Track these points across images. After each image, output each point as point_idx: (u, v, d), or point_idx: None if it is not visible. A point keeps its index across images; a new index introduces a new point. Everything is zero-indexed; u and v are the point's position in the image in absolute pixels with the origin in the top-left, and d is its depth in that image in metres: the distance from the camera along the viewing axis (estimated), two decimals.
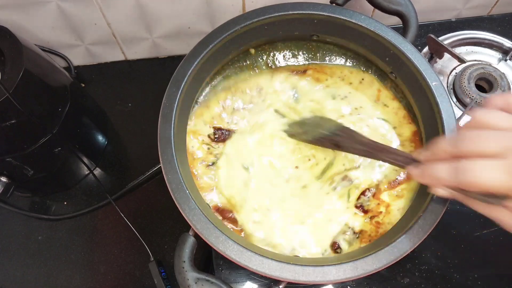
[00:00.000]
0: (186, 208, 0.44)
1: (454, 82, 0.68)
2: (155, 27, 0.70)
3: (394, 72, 0.56)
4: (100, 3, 0.63)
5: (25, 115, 0.50)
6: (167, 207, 0.63)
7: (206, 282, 0.43)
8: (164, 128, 0.48)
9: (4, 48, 0.50)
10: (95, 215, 0.64)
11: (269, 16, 0.54)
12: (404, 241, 0.43)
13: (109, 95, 0.74)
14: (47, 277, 0.61)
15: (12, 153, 0.54)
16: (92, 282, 0.60)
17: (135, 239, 0.60)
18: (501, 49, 0.72)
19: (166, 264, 0.59)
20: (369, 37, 0.54)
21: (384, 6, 0.58)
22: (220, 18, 0.68)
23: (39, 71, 0.54)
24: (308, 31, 0.58)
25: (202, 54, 0.52)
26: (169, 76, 0.51)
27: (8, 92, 0.47)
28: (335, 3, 0.59)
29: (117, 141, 0.71)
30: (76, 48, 0.72)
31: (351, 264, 0.42)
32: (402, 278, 0.57)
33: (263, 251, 0.45)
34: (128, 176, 0.66)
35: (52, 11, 0.63)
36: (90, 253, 0.62)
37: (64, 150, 0.60)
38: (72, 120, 0.59)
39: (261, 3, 0.62)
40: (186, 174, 0.48)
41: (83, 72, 0.75)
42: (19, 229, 0.64)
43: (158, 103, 0.49)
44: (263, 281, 0.56)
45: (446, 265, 0.58)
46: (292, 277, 0.42)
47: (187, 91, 0.51)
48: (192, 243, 0.46)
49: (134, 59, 0.77)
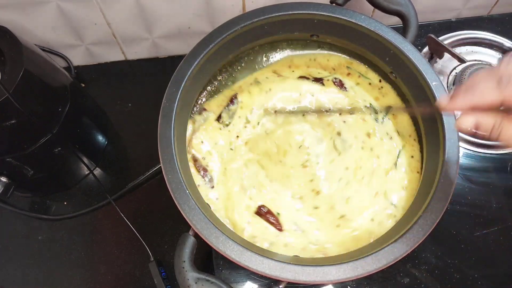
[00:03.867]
0: (186, 208, 0.44)
1: (454, 82, 0.68)
2: (155, 27, 0.70)
3: (394, 72, 0.56)
4: (100, 3, 0.63)
5: (25, 115, 0.50)
6: (167, 207, 0.63)
7: (206, 282, 0.43)
8: (164, 128, 0.48)
9: (4, 48, 0.50)
10: (95, 215, 0.64)
11: (269, 16, 0.54)
12: (404, 241, 0.43)
13: (109, 95, 0.74)
14: (47, 277, 0.61)
15: (12, 153, 0.54)
16: (92, 282, 0.60)
17: (135, 239, 0.60)
18: (501, 49, 0.72)
19: (166, 264, 0.59)
20: (369, 37, 0.54)
21: (384, 6, 0.58)
22: (220, 18, 0.68)
23: (39, 71, 0.54)
24: (308, 31, 0.58)
25: (202, 54, 0.52)
26: (169, 76, 0.51)
27: (8, 92, 0.47)
28: (335, 3, 0.59)
29: (117, 141, 0.71)
30: (76, 48, 0.72)
31: (351, 264, 0.42)
32: (402, 278, 0.57)
33: (263, 251, 0.45)
34: (128, 176, 0.66)
35: (52, 11, 0.63)
36: (90, 253, 0.62)
37: (64, 150, 0.60)
38: (72, 120, 0.59)
39: (261, 3, 0.62)
40: (186, 174, 0.48)
41: (83, 72, 0.75)
42: (19, 229, 0.64)
43: (158, 103, 0.49)
44: (263, 281, 0.56)
45: (446, 265, 0.58)
46: (292, 277, 0.42)
47: (187, 91, 0.51)
48: (192, 243, 0.46)
49: (134, 59, 0.77)
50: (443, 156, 0.47)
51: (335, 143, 0.56)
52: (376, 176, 0.54)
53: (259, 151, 0.56)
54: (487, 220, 0.61)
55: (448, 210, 0.44)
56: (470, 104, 0.35)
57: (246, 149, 0.56)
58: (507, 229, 0.60)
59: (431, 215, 0.44)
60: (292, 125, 0.57)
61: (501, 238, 0.60)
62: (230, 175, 0.54)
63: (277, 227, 0.51)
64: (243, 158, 0.55)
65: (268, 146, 0.56)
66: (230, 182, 0.54)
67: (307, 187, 0.54)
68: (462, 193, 0.62)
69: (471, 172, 0.64)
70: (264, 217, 0.52)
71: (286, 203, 0.53)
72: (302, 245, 0.50)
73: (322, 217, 0.52)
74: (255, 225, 0.51)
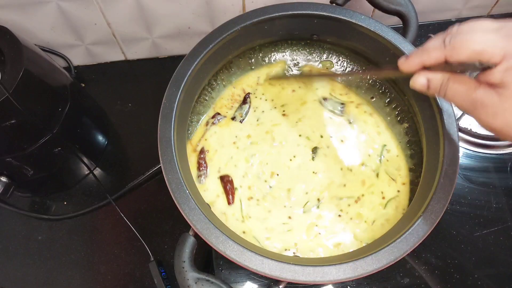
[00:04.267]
0: (186, 208, 0.44)
1: None
2: (155, 27, 0.70)
3: None
4: (100, 3, 0.63)
5: (25, 115, 0.50)
6: (167, 207, 0.63)
7: (206, 282, 0.43)
8: (164, 128, 0.48)
9: (4, 48, 0.50)
10: (95, 215, 0.64)
11: (269, 16, 0.54)
12: (404, 241, 0.43)
13: (109, 95, 0.74)
14: (47, 277, 0.61)
15: (12, 153, 0.54)
16: (92, 282, 0.60)
17: (135, 239, 0.60)
18: None
19: (166, 264, 0.59)
20: (369, 37, 0.54)
21: (384, 6, 0.58)
22: (220, 18, 0.68)
23: (39, 71, 0.54)
24: (308, 31, 0.58)
25: (202, 54, 0.52)
26: (169, 76, 0.51)
27: (8, 92, 0.47)
28: (335, 3, 0.59)
29: (117, 141, 0.71)
30: (76, 48, 0.72)
31: (351, 264, 0.42)
32: (402, 278, 0.57)
33: (263, 251, 0.45)
34: (128, 176, 0.66)
35: (52, 11, 0.63)
36: (90, 253, 0.62)
37: (64, 150, 0.60)
38: (72, 120, 0.59)
39: (261, 3, 0.62)
40: (186, 174, 0.48)
41: (83, 72, 0.75)
42: (19, 229, 0.64)
43: (158, 103, 0.49)
44: (263, 281, 0.56)
45: (446, 265, 0.58)
46: (292, 277, 0.42)
47: (187, 91, 0.51)
48: (192, 243, 0.46)
49: (134, 59, 0.77)
50: (443, 156, 0.47)
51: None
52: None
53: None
54: (487, 220, 0.61)
55: (448, 210, 0.44)
56: (420, 62, 0.39)
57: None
58: (507, 229, 0.60)
59: (431, 215, 0.44)
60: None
61: (501, 238, 0.60)
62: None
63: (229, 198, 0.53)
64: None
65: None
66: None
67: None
68: (462, 193, 0.62)
69: (471, 172, 0.64)
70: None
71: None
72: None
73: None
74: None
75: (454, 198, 0.62)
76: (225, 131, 0.57)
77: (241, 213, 0.53)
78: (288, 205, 0.53)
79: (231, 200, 0.53)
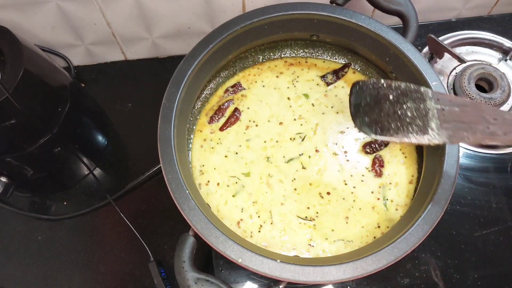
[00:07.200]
0: (186, 208, 0.44)
1: (454, 82, 0.68)
2: (155, 27, 0.70)
3: (394, 72, 0.56)
4: (100, 3, 0.63)
5: (25, 115, 0.50)
6: (167, 207, 0.63)
7: (206, 282, 0.43)
8: (164, 128, 0.48)
9: (4, 48, 0.50)
10: (95, 215, 0.64)
11: (269, 16, 0.54)
12: (404, 241, 0.43)
13: (109, 95, 0.74)
14: (47, 277, 0.61)
15: (12, 153, 0.54)
16: (92, 282, 0.60)
17: (135, 239, 0.60)
18: (501, 49, 0.72)
19: (166, 264, 0.59)
20: (369, 37, 0.54)
21: (384, 6, 0.58)
22: (220, 18, 0.68)
23: (39, 71, 0.54)
24: (308, 31, 0.58)
25: (202, 54, 0.52)
26: (169, 76, 0.51)
27: (8, 92, 0.47)
28: (335, 3, 0.59)
29: (117, 141, 0.71)
30: (76, 48, 0.72)
31: (351, 264, 0.42)
32: (402, 278, 0.57)
33: (263, 251, 0.45)
34: (128, 176, 0.66)
35: (52, 11, 0.63)
36: (90, 253, 0.62)
37: (64, 150, 0.60)
38: (72, 120, 0.59)
39: (261, 3, 0.62)
40: (186, 174, 0.48)
41: (83, 72, 0.75)
42: (19, 229, 0.64)
43: (158, 103, 0.49)
44: (263, 281, 0.56)
45: (446, 265, 0.58)
46: (292, 277, 0.42)
47: (187, 91, 0.51)
48: (192, 243, 0.46)
49: (134, 59, 0.77)
50: (443, 156, 0.47)
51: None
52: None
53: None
54: (487, 220, 0.61)
55: (448, 210, 0.44)
56: None
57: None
58: (507, 229, 0.60)
59: (431, 215, 0.44)
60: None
61: (501, 238, 0.60)
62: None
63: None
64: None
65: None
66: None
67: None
68: (462, 193, 0.62)
69: (471, 172, 0.64)
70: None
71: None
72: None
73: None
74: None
75: (454, 198, 0.62)
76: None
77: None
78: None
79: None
